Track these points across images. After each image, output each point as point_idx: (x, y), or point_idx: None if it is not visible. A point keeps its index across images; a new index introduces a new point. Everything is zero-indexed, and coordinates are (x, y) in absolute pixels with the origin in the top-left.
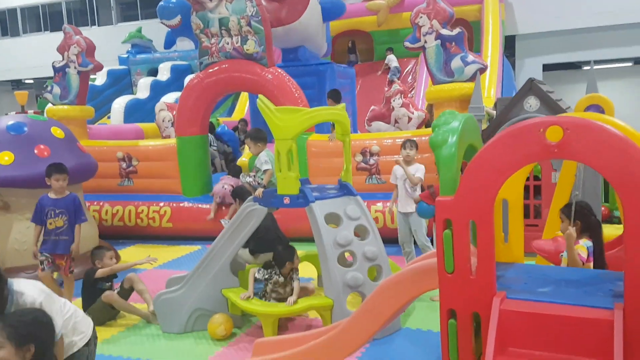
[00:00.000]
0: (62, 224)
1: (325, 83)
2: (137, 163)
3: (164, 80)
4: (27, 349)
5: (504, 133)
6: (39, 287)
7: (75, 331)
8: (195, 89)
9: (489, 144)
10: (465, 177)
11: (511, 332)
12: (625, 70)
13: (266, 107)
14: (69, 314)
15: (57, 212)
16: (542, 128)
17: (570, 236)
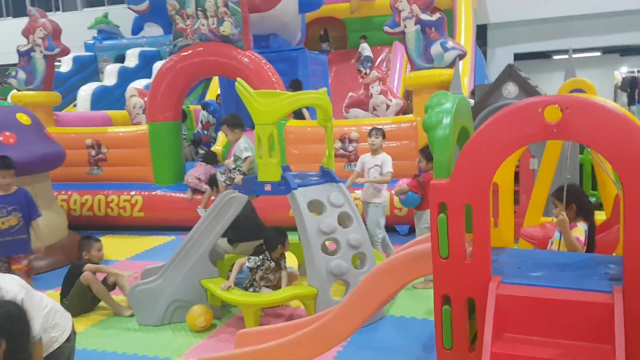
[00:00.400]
0: (16, 222)
1: (297, 69)
2: (107, 150)
3: (132, 67)
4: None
5: (502, 113)
6: (18, 282)
7: (56, 326)
8: (168, 73)
9: (485, 124)
10: (461, 159)
11: (507, 318)
12: (594, 59)
13: (246, 91)
14: (47, 309)
15: (8, 209)
16: (540, 107)
17: (564, 221)
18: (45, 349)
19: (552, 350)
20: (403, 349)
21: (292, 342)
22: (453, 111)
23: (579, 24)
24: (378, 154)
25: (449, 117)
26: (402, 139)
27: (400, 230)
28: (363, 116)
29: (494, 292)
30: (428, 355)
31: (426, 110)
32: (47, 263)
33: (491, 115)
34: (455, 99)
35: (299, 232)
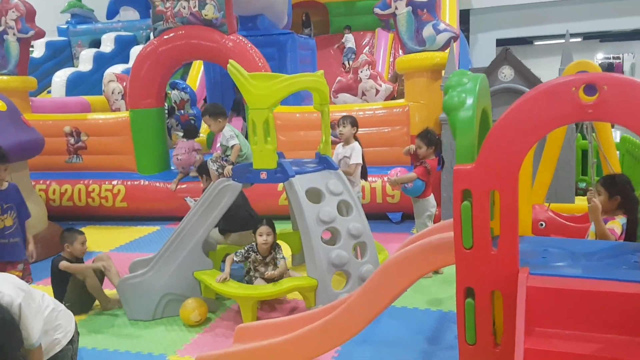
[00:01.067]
0: (11, 223)
1: (286, 54)
2: (87, 138)
3: (108, 52)
4: None
5: (533, 93)
6: (16, 284)
7: (58, 327)
8: (149, 58)
9: (515, 105)
10: (487, 143)
11: (538, 311)
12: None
13: (239, 74)
14: (49, 309)
15: (4, 207)
16: (574, 86)
17: (595, 208)
18: (46, 353)
19: (589, 345)
20: (406, 342)
21: (300, 338)
22: (476, 91)
23: (560, 9)
24: (349, 144)
25: (472, 97)
26: (394, 125)
27: (392, 218)
28: (352, 101)
29: (524, 284)
30: (433, 348)
31: (446, 91)
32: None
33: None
34: (477, 78)
35: (297, 221)
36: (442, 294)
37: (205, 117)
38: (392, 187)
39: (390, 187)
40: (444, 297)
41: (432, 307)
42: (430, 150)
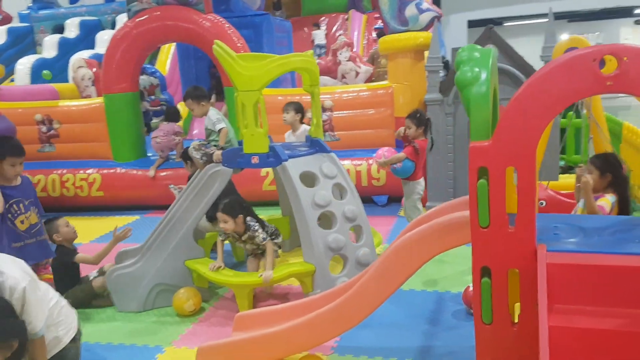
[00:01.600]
0: (36, 220)
1: (262, 36)
2: (59, 126)
3: (73, 37)
4: None
5: (551, 66)
6: (23, 268)
7: (60, 324)
8: (123, 41)
9: (532, 79)
10: (505, 118)
11: (558, 288)
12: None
13: (227, 54)
14: (53, 301)
15: (25, 203)
16: (594, 58)
17: (587, 183)
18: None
19: (613, 320)
20: (406, 324)
21: (308, 323)
22: (490, 65)
23: None
24: (297, 130)
25: (486, 71)
26: (378, 107)
27: (378, 201)
28: (332, 84)
29: (544, 261)
30: (434, 329)
31: (458, 66)
32: None
33: None
34: (489, 52)
35: (292, 206)
36: (437, 275)
37: (187, 100)
38: (382, 168)
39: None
40: (439, 278)
41: (428, 289)
42: (420, 130)
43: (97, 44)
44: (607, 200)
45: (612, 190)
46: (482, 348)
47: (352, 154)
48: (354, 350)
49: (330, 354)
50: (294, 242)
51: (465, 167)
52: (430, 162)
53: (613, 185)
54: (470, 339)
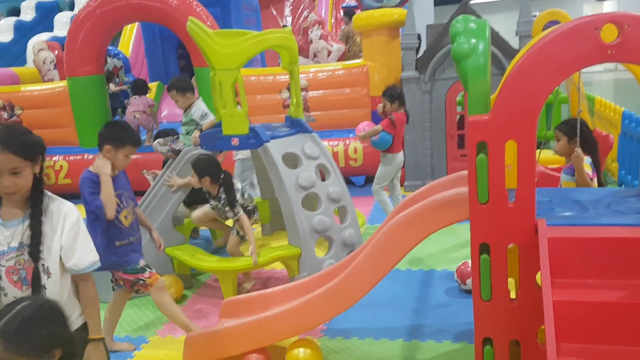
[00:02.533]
0: (134, 216)
1: (230, 15)
2: (21, 112)
3: (29, 20)
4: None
5: (551, 35)
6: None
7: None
8: (86, 20)
9: (533, 49)
10: (504, 90)
11: (559, 262)
12: (508, 3)
13: (202, 32)
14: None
15: (125, 196)
16: (596, 26)
17: (579, 157)
18: None
19: (616, 293)
20: (396, 303)
21: (302, 306)
22: (487, 36)
23: None
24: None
25: (483, 42)
26: (353, 86)
27: (356, 182)
28: (303, 63)
29: (546, 235)
30: (423, 306)
31: (454, 38)
32: None
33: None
34: (485, 23)
35: (275, 188)
36: (420, 253)
37: (172, 92)
38: (362, 142)
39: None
40: (422, 256)
41: (412, 267)
42: (395, 105)
43: (55, 26)
44: (586, 166)
45: (585, 153)
46: (481, 325)
47: (328, 134)
48: (344, 332)
49: (321, 336)
50: (275, 225)
51: (441, 145)
52: (407, 140)
53: (584, 148)
54: (461, 316)
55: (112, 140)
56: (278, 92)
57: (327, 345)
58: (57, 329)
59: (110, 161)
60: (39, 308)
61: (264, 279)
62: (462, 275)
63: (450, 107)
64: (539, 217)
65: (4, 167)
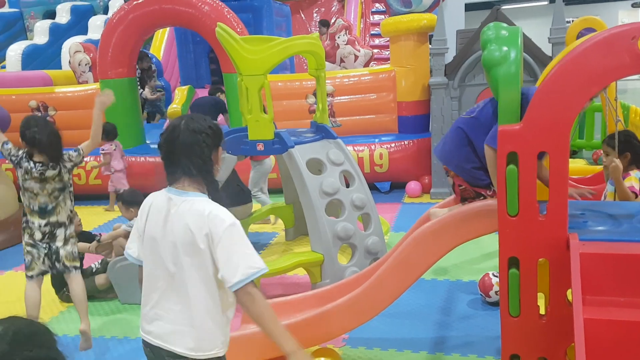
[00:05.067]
0: None
1: (262, 21)
2: (55, 113)
3: (64, 23)
4: None
5: (587, 44)
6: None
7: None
8: (119, 25)
9: (565, 59)
10: (537, 100)
11: (591, 279)
12: (541, 9)
13: (230, 37)
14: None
15: None
16: (633, 36)
17: (617, 168)
18: None
19: None
20: (419, 314)
21: (325, 315)
22: (519, 43)
23: None
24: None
25: (515, 50)
26: (380, 91)
27: (381, 188)
28: (330, 69)
29: (578, 250)
30: (447, 319)
31: (485, 45)
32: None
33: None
34: (517, 30)
35: (299, 194)
36: (447, 263)
37: (118, 203)
38: None
39: None
40: (448, 266)
41: (438, 277)
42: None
43: (90, 30)
44: (634, 179)
45: (635, 167)
46: (508, 341)
47: (353, 140)
48: (366, 342)
49: (342, 345)
50: (298, 230)
51: None
52: (434, 147)
53: (634, 162)
54: (487, 329)
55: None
56: (304, 97)
57: (348, 354)
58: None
59: None
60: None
61: (286, 285)
62: (485, 288)
63: None
64: (571, 231)
65: None
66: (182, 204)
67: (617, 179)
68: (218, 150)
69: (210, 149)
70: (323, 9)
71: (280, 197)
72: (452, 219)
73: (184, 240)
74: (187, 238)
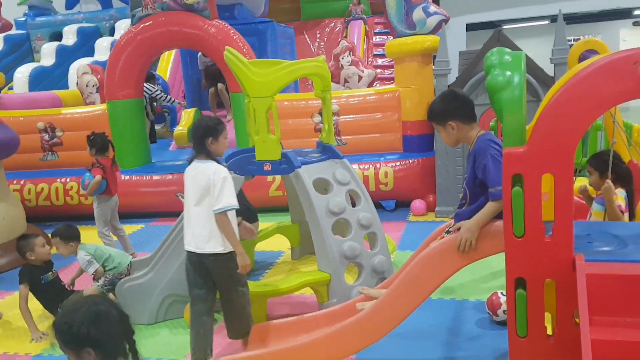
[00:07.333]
0: None
1: (266, 44)
2: (62, 134)
3: (71, 44)
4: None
5: (590, 69)
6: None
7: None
8: (127, 46)
9: (569, 83)
10: (541, 123)
11: (598, 299)
12: (542, 28)
13: (238, 61)
14: None
15: None
16: (635, 61)
17: (609, 189)
18: None
19: None
20: (426, 334)
21: (333, 336)
22: (522, 68)
23: None
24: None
25: (519, 74)
26: (386, 111)
27: (386, 206)
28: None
29: (584, 271)
30: (455, 339)
31: (488, 70)
32: (8, 261)
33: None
34: (520, 55)
35: (306, 214)
36: (453, 282)
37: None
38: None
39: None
40: (454, 285)
41: (444, 297)
42: (94, 151)
43: (96, 51)
44: (620, 198)
45: (619, 185)
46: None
47: (359, 158)
48: None
49: None
50: (304, 249)
51: None
52: (438, 165)
53: (617, 180)
54: (495, 349)
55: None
56: (310, 116)
57: None
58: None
59: None
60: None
61: (293, 304)
62: (493, 307)
63: None
64: (576, 252)
65: None
66: (200, 166)
67: (609, 199)
68: (215, 139)
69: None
70: (327, 29)
71: (286, 216)
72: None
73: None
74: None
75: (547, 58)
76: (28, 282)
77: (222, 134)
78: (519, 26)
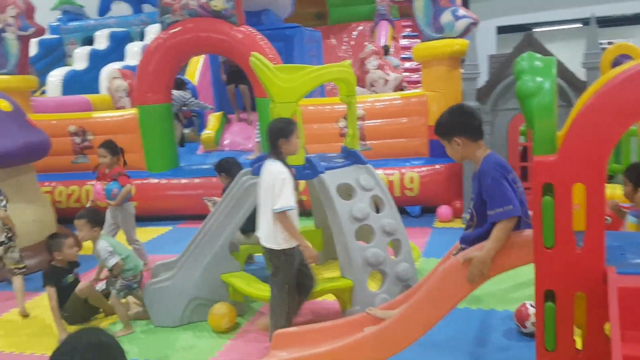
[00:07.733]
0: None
1: (293, 49)
2: (93, 137)
3: (103, 49)
4: None
5: (625, 75)
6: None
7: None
8: (156, 52)
9: (601, 91)
10: (572, 132)
11: (630, 314)
12: (574, 31)
13: (264, 66)
14: None
15: None
16: None
17: None
18: None
19: None
20: (452, 344)
21: (355, 345)
22: (553, 74)
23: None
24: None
25: (549, 80)
26: (412, 115)
27: (411, 212)
28: (360, 93)
29: (616, 284)
30: (481, 350)
31: (519, 76)
32: (38, 262)
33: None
34: (552, 60)
35: (329, 219)
36: (480, 291)
37: (81, 220)
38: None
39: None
40: (481, 295)
41: (471, 306)
42: (115, 159)
43: (127, 56)
44: None
45: None
46: None
47: (384, 163)
48: None
49: None
50: (327, 254)
51: None
52: (466, 171)
53: None
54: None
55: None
56: (336, 121)
57: None
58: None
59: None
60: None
61: (315, 311)
62: (521, 318)
63: (512, 138)
64: (608, 264)
65: None
66: (270, 166)
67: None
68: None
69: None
70: (354, 33)
71: (309, 221)
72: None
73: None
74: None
75: (579, 62)
76: (53, 283)
77: (294, 134)
78: (551, 29)
